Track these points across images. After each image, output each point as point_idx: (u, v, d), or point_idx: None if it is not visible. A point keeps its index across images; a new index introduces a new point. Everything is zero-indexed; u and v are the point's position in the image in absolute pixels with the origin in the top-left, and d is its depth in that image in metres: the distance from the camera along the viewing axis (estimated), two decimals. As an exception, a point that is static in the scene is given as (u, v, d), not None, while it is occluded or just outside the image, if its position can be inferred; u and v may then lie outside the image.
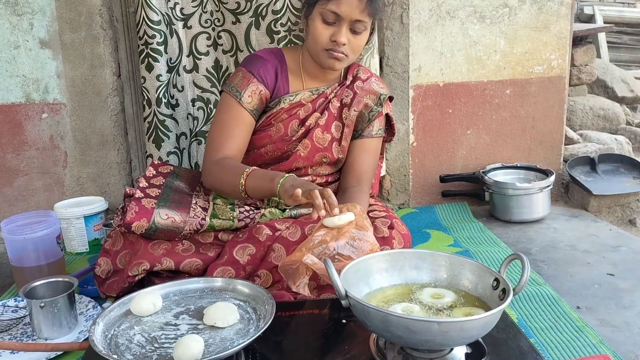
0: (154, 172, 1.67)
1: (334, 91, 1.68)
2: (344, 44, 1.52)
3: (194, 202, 1.54)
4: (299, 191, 1.26)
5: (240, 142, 1.59)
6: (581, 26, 3.75)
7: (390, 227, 1.51)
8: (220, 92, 1.64)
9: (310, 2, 1.54)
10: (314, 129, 1.65)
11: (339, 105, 1.68)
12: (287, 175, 1.38)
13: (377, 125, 1.71)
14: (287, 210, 1.65)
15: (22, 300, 1.51)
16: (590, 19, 5.39)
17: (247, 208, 1.60)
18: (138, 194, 1.50)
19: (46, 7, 2.10)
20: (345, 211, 1.40)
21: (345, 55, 1.55)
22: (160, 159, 2.08)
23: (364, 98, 1.68)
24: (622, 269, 1.72)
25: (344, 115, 1.68)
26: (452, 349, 1.06)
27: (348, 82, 1.69)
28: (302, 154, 1.64)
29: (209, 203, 1.56)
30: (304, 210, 1.65)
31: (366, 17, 1.51)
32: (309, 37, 1.57)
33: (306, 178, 1.68)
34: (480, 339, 1.08)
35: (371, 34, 1.65)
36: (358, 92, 1.68)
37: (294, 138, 1.64)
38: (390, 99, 1.77)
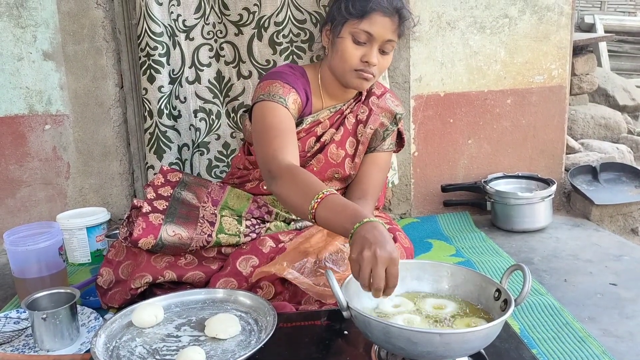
0: (163, 180, 1.65)
1: (350, 107, 1.66)
2: (374, 65, 1.48)
3: (201, 215, 1.52)
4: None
5: (296, 144, 1.47)
6: (582, 35, 3.76)
7: (393, 240, 1.50)
8: (255, 105, 1.53)
9: (340, 21, 1.49)
10: (329, 144, 1.63)
11: (354, 121, 1.66)
12: (364, 221, 1.11)
13: (389, 141, 1.71)
14: (292, 223, 1.65)
15: (24, 312, 1.51)
16: (591, 28, 5.41)
17: (254, 222, 1.59)
18: (145, 207, 1.49)
19: (49, 19, 2.12)
20: None
21: (373, 76, 1.52)
22: (171, 167, 2.07)
23: (380, 116, 1.66)
24: (625, 278, 1.72)
25: (359, 132, 1.66)
26: (454, 360, 1.06)
27: (363, 98, 1.67)
28: (315, 168, 1.62)
29: (216, 216, 1.54)
30: (309, 223, 1.65)
31: (396, 37, 1.49)
32: (336, 57, 1.51)
33: None
34: (482, 350, 1.08)
35: None
36: (373, 108, 1.66)
37: (309, 154, 1.63)
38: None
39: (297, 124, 1.58)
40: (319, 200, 1.19)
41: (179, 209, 1.53)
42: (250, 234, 1.53)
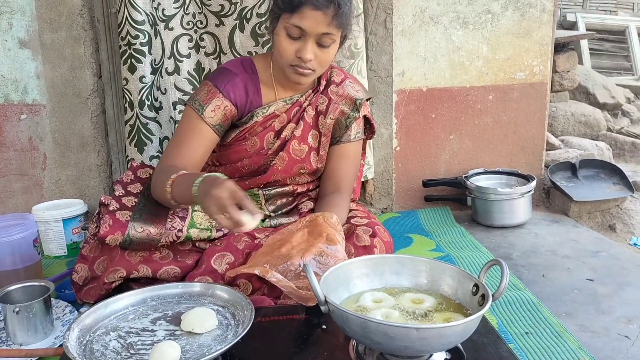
0: (132, 177, 1.63)
1: (308, 99, 1.61)
2: (310, 60, 1.44)
3: (172, 211, 1.49)
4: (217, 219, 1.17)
5: (194, 154, 1.50)
6: (563, 33, 3.79)
7: (373, 235, 1.49)
8: (185, 105, 1.56)
9: (275, 15, 1.46)
10: (290, 140, 1.59)
11: (314, 113, 1.62)
12: (202, 177, 1.23)
13: (355, 129, 1.66)
14: (267, 220, 1.63)
15: (-3, 305, 1.48)
16: (573, 26, 5.45)
17: (227, 216, 1.57)
18: (113, 205, 1.46)
19: (26, 6, 2.07)
20: (322, 220, 1.39)
21: (312, 70, 1.47)
22: (142, 163, 2.05)
23: (340, 104, 1.62)
24: (602, 274, 1.74)
25: (320, 124, 1.62)
26: (431, 355, 1.06)
27: (322, 88, 1.63)
28: (279, 167, 1.60)
29: (187, 211, 1.51)
30: (284, 220, 1.63)
31: (333, 30, 1.42)
32: (275, 52, 1.50)
33: (287, 188, 1.65)
34: (459, 345, 1.08)
35: (342, 42, 1.56)
36: (333, 97, 1.62)
37: (270, 151, 1.59)
38: (368, 99, 1.71)
39: (249, 118, 1.57)
40: (170, 182, 1.32)
41: (148, 206, 1.50)
42: (222, 229, 1.51)
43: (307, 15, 1.39)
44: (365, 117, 1.70)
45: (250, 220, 1.15)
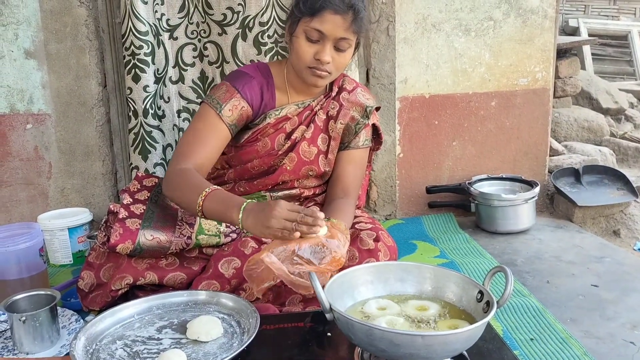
0: (139, 186, 1.64)
1: (320, 103, 1.66)
2: (327, 63, 1.50)
3: (180, 217, 1.51)
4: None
5: (211, 152, 1.53)
6: (566, 39, 3.79)
7: (376, 240, 1.51)
8: (200, 104, 1.61)
9: (294, 19, 1.52)
10: (300, 142, 1.63)
11: (325, 117, 1.67)
12: (245, 204, 1.28)
13: (364, 136, 1.70)
14: None
15: (3, 314, 1.49)
16: (575, 31, 5.46)
17: None
18: (122, 213, 1.47)
19: (31, 17, 2.09)
20: (329, 225, 1.40)
21: (329, 73, 1.53)
22: (146, 170, 2.07)
23: (350, 110, 1.67)
24: (606, 280, 1.73)
25: (330, 128, 1.67)
26: (436, 362, 1.06)
27: (334, 94, 1.68)
28: (288, 168, 1.63)
29: (195, 218, 1.53)
30: None
31: (351, 35, 1.49)
32: (293, 54, 1.55)
33: (293, 191, 1.67)
34: (464, 352, 1.08)
35: (356, 48, 1.61)
36: (344, 104, 1.67)
37: (280, 152, 1.63)
38: (377, 108, 1.76)
39: (262, 120, 1.61)
40: (204, 196, 1.33)
41: (157, 213, 1.52)
42: (230, 234, 1.52)
43: (327, 19, 1.45)
44: (374, 125, 1.74)
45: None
